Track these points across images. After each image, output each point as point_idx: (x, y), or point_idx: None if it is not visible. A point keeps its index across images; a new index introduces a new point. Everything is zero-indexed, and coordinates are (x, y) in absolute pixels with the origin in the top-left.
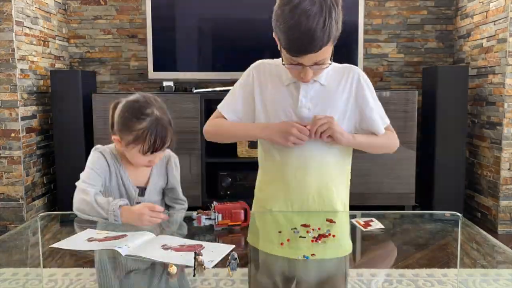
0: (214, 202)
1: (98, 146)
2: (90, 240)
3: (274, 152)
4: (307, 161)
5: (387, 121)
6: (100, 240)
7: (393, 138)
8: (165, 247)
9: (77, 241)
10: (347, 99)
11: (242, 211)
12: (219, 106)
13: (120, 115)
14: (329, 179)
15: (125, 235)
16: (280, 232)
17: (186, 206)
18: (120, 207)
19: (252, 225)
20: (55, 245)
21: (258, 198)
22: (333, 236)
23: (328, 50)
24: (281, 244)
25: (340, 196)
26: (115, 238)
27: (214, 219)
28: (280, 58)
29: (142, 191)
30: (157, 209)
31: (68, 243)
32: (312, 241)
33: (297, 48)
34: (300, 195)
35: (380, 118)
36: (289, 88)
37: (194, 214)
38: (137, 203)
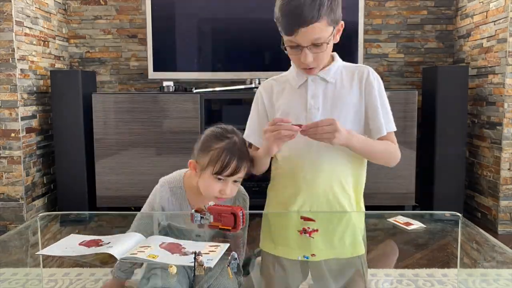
0: (210, 202)
1: (166, 178)
2: (79, 244)
3: (285, 152)
4: (318, 162)
5: (392, 128)
6: (89, 245)
7: (393, 149)
8: (161, 246)
9: (65, 247)
10: (356, 97)
11: (232, 216)
12: (244, 136)
13: (202, 138)
14: (341, 180)
15: (112, 237)
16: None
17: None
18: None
19: (264, 228)
20: (44, 252)
21: (270, 198)
22: (316, 230)
23: (323, 29)
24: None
25: (351, 196)
26: (100, 242)
27: (207, 219)
28: (288, 70)
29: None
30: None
31: (57, 250)
32: (301, 232)
33: (289, 24)
34: (310, 197)
35: (383, 120)
36: (300, 90)
37: (192, 211)
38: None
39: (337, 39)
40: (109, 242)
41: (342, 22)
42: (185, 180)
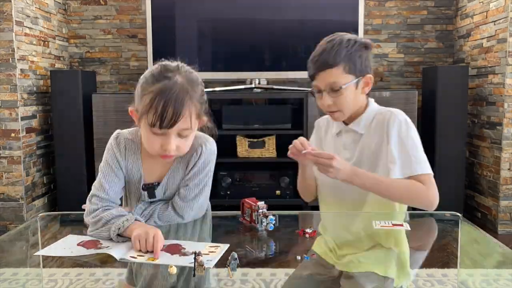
0: (262, 202)
1: (118, 130)
2: (78, 245)
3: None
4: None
5: (420, 170)
6: (87, 246)
7: (419, 189)
8: (161, 248)
9: (63, 247)
10: (379, 145)
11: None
12: None
13: (140, 79)
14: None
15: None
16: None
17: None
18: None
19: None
20: (42, 252)
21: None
22: (314, 232)
23: (339, 75)
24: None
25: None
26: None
27: (274, 223)
28: None
29: (152, 192)
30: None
31: (55, 250)
32: (300, 233)
33: (310, 69)
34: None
35: (401, 162)
36: (337, 138)
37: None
38: (149, 202)
39: (366, 91)
40: (108, 246)
41: (371, 76)
42: (140, 137)
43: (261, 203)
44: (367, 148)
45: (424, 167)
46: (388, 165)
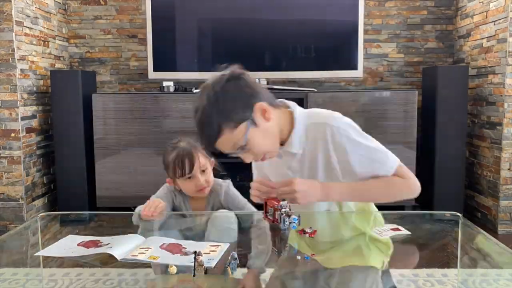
0: (285, 201)
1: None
2: (78, 245)
3: None
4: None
5: (389, 169)
6: (88, 246)
7: (398, 181)
8: (162, 247)
9: (64, 248)
10: (328, 158)
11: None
12: None
13: (162, 160)
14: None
15: (111, 239)
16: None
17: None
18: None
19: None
20: (43, 253)
21: None
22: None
23: (232, 136)
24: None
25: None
26: (99, 243)
27: (297, 223)
28: None
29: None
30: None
31: (55, 251)
32: (300, 232)
33: (203, 143)
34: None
35: (372, 164)
36: (281, 162)
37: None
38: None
39: (269, 117)
40: (108, 243)
41: (259, 104)
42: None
43: (284, 203)
44: (313, 164)
45: (390, 165)
46: (369, 174)
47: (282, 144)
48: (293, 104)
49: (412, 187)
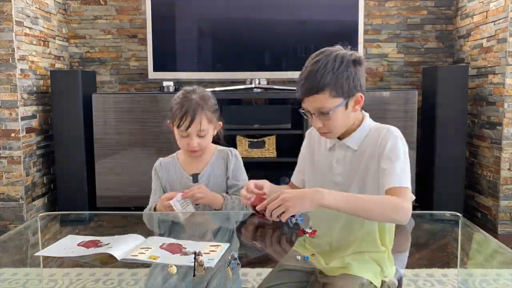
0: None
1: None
2: (78, 245)
3: None
4: None
5: (400, 184)
6: (88, 246)
7: (392, 201)
8: (162, 247)
9: (64, 248)
10: (369, 160)
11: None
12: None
13: (172, 101)
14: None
15: (111, 239)
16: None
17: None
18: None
19: None
20: (43, 253)
21: None
22: (315, 232)
23: (326, 100)
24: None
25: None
26: (99, 243)
27: (298, 223)
28: None
29: (195, 177)
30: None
31: (55, 251)
32: (300, 232)
33: (298, 91)
34: None
35: (387, 176)
36: (329, 152)
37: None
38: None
39: (357, 109)
40: (108, 243)
41: (361, 94)
42: (178, 154)
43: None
44: (358, 164)
45: (404, 180)
46: (379, 180)
47: (340, 138)
48: (367, 113)
49: (405, 208)
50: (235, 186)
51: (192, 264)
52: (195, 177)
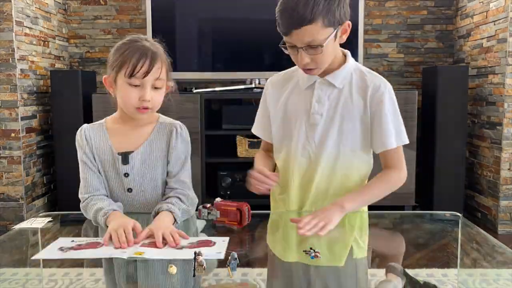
0: (218, 198)
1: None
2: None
3: (278, 158)
4: (314, 172)
5: (397, 142)
6: (89, 247)
7: (393, 180)
8: (143, 245)
9: (59, 250)
10: (362, 109)
11: (238, 212)
12: (252, 129)
13: (113, 49)
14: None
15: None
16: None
17: (184, 206)
18: (106, 215)
19: (270, 227)
20: (39, 256)
21: (273, 200)
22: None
23: (317, 32)
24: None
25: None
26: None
27: (214, 215)
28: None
29: (126, 157)
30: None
31: (51, 253)
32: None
33: (283, 25)
34: (303, 200)
35: (387, 136)
36: (306, 92)
37: (199, 206)
38: (125, 174)
39: (344, 39)
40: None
41: (349, 22)
42: (107, 121)
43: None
44: (345, 104)
45: (401, 138)
46: (383, 139)
47: (320, 75)
48: (348, 51)
49: (402, 180)
50: (174, 178)
51: (191, 259)
52: (124, 157)
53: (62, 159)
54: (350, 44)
